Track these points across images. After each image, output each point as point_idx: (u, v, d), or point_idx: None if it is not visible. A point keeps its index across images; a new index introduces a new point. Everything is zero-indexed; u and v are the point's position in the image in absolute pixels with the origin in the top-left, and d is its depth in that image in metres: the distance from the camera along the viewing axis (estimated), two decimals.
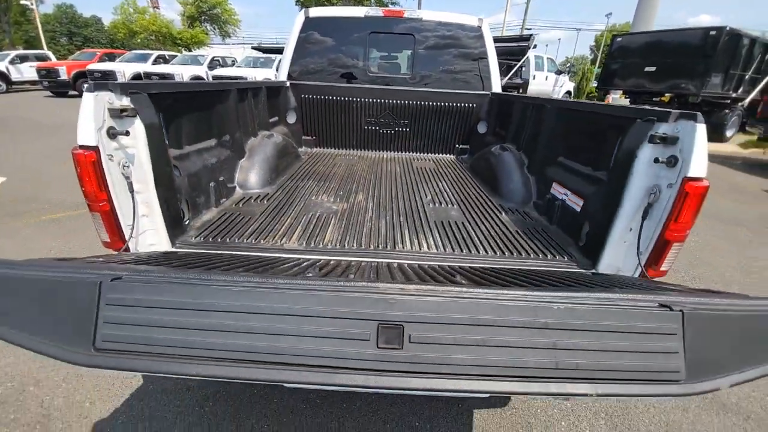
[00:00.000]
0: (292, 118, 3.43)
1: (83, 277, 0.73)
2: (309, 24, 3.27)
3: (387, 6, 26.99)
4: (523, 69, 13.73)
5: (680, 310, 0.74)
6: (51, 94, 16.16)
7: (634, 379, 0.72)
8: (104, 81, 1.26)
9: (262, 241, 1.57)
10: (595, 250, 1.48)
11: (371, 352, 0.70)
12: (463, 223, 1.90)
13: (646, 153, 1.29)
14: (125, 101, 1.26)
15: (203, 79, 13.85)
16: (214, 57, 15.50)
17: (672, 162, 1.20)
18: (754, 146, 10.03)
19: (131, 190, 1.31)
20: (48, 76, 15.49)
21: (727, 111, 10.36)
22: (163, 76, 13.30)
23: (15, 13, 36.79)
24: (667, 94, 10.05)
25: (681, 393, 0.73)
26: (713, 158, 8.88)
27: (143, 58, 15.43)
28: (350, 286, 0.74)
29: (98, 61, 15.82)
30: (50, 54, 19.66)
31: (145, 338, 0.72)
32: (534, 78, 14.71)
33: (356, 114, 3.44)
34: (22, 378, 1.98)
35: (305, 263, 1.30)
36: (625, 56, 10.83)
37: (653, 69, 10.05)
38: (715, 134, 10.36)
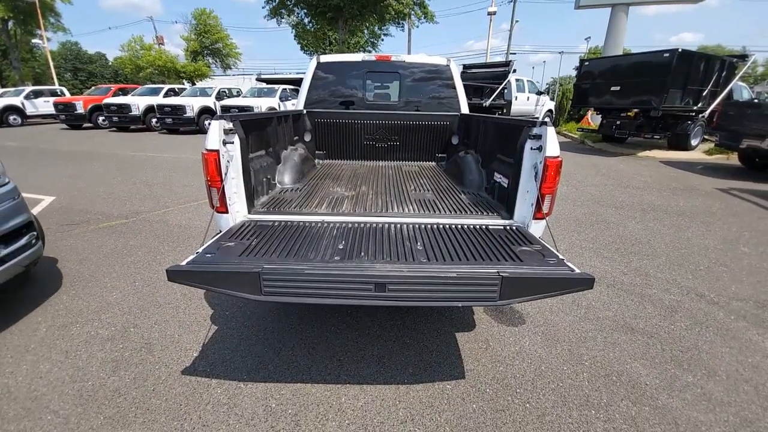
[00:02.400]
0: (308, 138, 4.37)
1: (251, 269, 1.55)
2: (320, 67, 4.29)
3: (381, 38, 29.07)
4: (506, 91, 15.04)
5: (501, 276, 1.53)
6: (67, 126, 17.25)
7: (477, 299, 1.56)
8: (223, 114, 2.18)
9: (304, 209, 2.44)
10: (511, 207, 2.36)
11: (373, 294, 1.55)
12: (434, 200, 2.77)
13: (529, 144, 2.18)
14: (231, 125, 2.15)
15: (212, 109, 14.98)
16: (221, 89, 16.72)
17: (540, 149, 2.10)
18: (718, 152, 11.02)
19: (230, 177, 2.19)
20: (66, 110, 16.63)
21: (689, 122, 11.39)
22: (174, 107, 14.41)
23: (22, 51, 38.76)
24: (633, 110, 11.13)
25: (493, 304, 1.56)
26: (677, 164, 9.89)
27: (155, 92, 16.66)
28: (364, 267, 1.59)
29: (113, 95, 17.01)
30: (64, 90, 20.87)
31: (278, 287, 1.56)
32: (516, 99, 16.01)
33: (357, 133, 4.39)
34: (123, 324, 2.78)
35: (333, 225, 2.16)
36: (593, 78, 12.04)
37: (618, 88, 11.21)
38: (681, 143, 11.44)
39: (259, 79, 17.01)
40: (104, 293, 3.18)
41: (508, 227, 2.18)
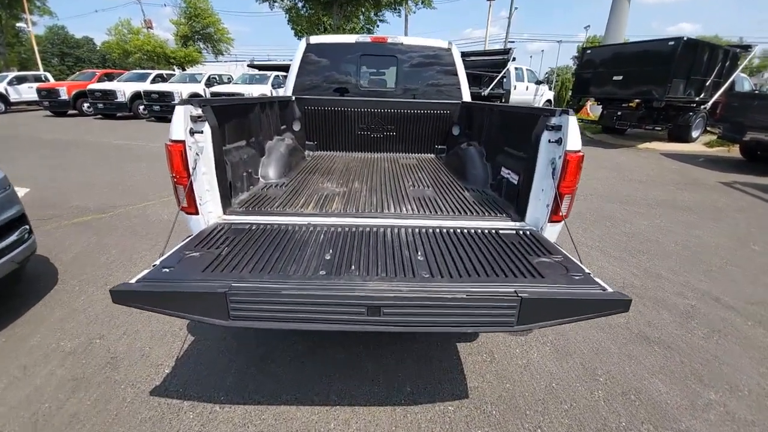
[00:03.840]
0: (297, 127, 4.04)
1: (216, 289, 1.26)
2: (310, 49, 3.93)
3: (377, 24, 28.26)
4: (505, 80, 14.66)
5: (521, 297, 1.26)
6: (51, 113, 16.61)
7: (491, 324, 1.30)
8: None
9: (287, 209, 2.15)
10: (522, 207, 2.09)
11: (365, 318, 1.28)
12: (434, 198, 2.50)
13: (546, 137, 1.90)
14: (199, 111, 1.85)
15: (201, 95, 14.46)
16: (211, 75, 16.14)
17: (559, 141, 1.82)
18: (719, 145, 10.83)
19: (200, 172, 1.89)
20: (49, 96, 15.96)
21: (691, 113, 11.17)
22: (162, 94, 13.89)
23: (8, 35, 37.34)
24: (635, 100, 10.86)
25: (510, 330, 1.31)
26: (679, 157, 9.69)
27: (142, 78, 16.03)
28: (354, 286, 1.31)
29: (98, 81, 16.35)
30: (48, 75, 20.09)
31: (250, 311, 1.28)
32: (515, 88, 15.65)
33: (350, 122, 4.07)
34: (89, 335, 2.50)
35: (320, 229, 1.87)
36: (595, 67, 11.72)
37: (620, 78, 10.91)
38: (682, 135, 11.23)
39: (251, 65, 16.43)
40: (71, 299, 2.90)
41: (520, 232, 1.91)
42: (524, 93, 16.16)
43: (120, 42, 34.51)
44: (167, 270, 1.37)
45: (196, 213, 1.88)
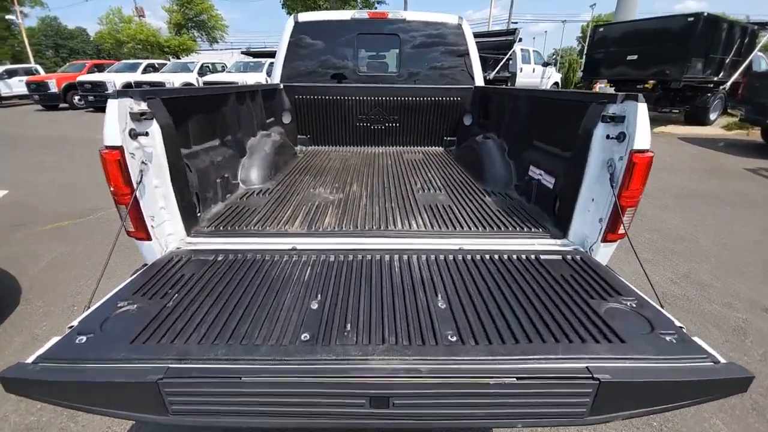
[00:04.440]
0: (287, 119, 3.59)
1: (145, 377, 0.87)
2: (299, 28, 3.44)
3: (375, 6, 27.15)
4: (511, 62, 13.98)
5: (599, 380, 0.87)
6: (42, 107, 16.14)
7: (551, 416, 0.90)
8: (126, 89, 1.44)
9: (268, 227, 1.74)
10: (565, 221, 1.66)
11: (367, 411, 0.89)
12: (449, 205, 2.08)
13: (600, 131, 1.47)
14: (143, 106, 1.42)
15: (194, 85, 13.90)
16: (204, 63, 15.56)
17: (621, 137, 1.39)
18: (738, 128, 10.27)
19: (150, 185, 1.48)
20: (38, 89, 15.48)
21: (709, 95, 10.59)
22: (153, 84, 13.36)
23: (0, 28, 36.47)
24: (650, 81, 10.25)
25: (580, 424, 0.92)
26: (698, 141, 9.15)
27: (133, 68, 15.46)
28: (350, 364, 0.91)
29: (87, 73, 15.81)
30: (39, 67, 19.59)
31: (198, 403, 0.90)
32: (521, 70, 14.97)
33: (348, 112, 3.61)
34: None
35: (306, 259, 1.45)
36: (607, 46, 11.05)
37: (635, 57, 10.27)
38: (699, 118, 10.64)
39: (245, 53, 15.81)
40: (33, 323, 2.53)
41: (568, 257, 1.49)
42: (531, 75, 15.47)
43: (112, 32, 33.64)
44: (83, 339, 0.98)
45: (148, 238, 1.48)
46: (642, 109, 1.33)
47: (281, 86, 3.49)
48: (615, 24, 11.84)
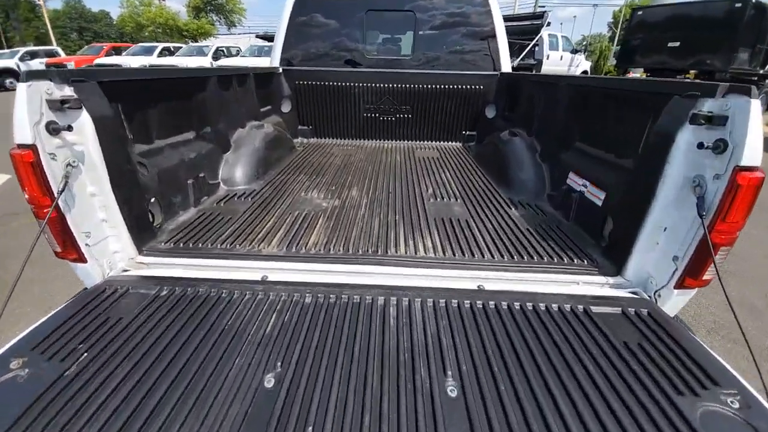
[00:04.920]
0: (286, 107, 3.23)
1: None
2: (300, 4, 3.04)
3: None
4: (537, 48, 13.13)
5: None
6: None
7: None
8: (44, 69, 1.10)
9: (238, 246, 1.40)
10: (620, 252, 1.26)
11: None
12: (467, 220, 1.69)
13: (686, 136, 1.05)
14: (67, 91, 1.08)
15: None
16: (218, 47, 15.31)
17: (720, 147, 0.97)
18: None
19: (83, 193, 1.15)
20: None
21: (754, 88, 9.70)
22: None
23: (24, 10, 37.14)
24: (692, 71, 9.41)
25: None
26: None
27: (149, 51, 15.38)
28: None
29: (105, 56, 15.86)
30: (59, 50, 19.85)
31: None
32: (548, 58, 14.07)
33: (354, 101, 3.21)
34: None
35: (275, 301, 1.09)
36: (646, 31, 10.16)
37: (677, 44, 9.40)
38: None
39: (259, 37, 15.45)
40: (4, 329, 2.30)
41: (631, 311, 1.08)
42: (558, 63, 14.54)
43: (133, 14, 33.75)
44: None
45: (82, 260, 1.16)
46: (755, 109, 0.91)
47: (280, 70, 3.11)
48: (655, 7, 10.89)
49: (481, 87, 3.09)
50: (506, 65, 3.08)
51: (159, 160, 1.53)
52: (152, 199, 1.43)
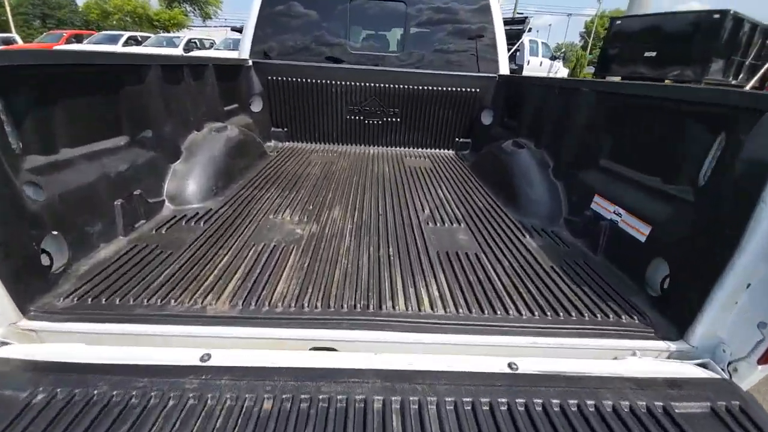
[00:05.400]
0: (257, 106, 2.81)
1: None
2: None
3: None
4: (518, 53, 13.14)
5: None
6: None
7: None
8: None
9: (173, 302, 1.01)
10: (682, 309, 0.97)
11: None
12: (476, 254, 1.37)
13: None
14: None
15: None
16: (190, 39, 14.49)
17: None
18: None
19: None
20: None
21: None
22: None
23: None
24: (667, 81, 9.62)
25: None
26: None
27: (113, 40, 14.34)
28: None
29: (65, 43, 14.72)
30: (17, 37, 18.48)
31: None
32: (528, 63, 14.16)
33: (336, 100, 2.85)
34: None
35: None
36: (624, 40, 10.31)
37: (653, 54, 9.57)
38: None
39: (235, 30, 14.74)
40: None
41: (720, 404, 0.78)
42: (537, 69, 14.66)
43: (99, 1, 31.83)
44: None
45: None
46: None
47: (249, 63, 2.70)
48: (634, 17, 11.09)
49: (477, 90, 2.79)
50: (504, 67, 2.80)
51: (65, 176, 1.11)
52: (50, 234, 1.03)
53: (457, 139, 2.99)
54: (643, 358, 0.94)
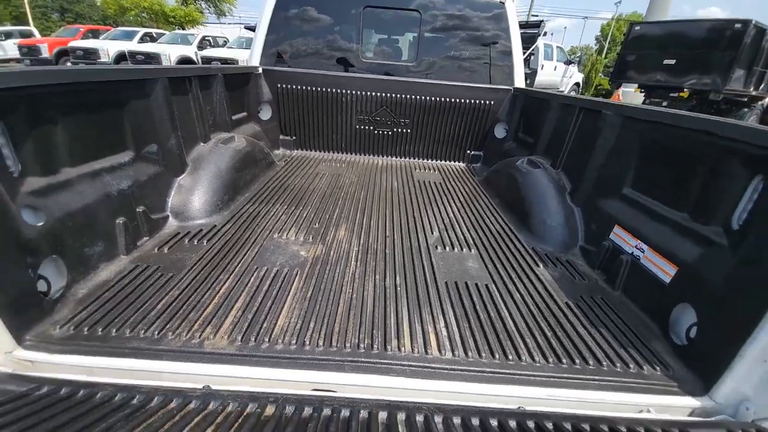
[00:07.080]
0: (266, 114, 2.79)
1: None
2: None
3: None
4: (532, 58, 12.95)
5: None
6: None
7: None
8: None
9: (170, 335, 0.98)
10: (709, 362, 0.91)
11: None
12: (487, 285, 1.31)
13: None
14: None
15: (192, 59, 13.01)
16: (204, 36, 14.63)
17: None
18: None
19: None
20: (29, 53, 14.72)
21: (746, 109, 9.84)
22: (147, 55, 12.50)
23: None
24: (686, 89, 9.38)
25: None
26: None
27: (129, 36, 14.57)
28: None
29: (81, 38, 14.97)
30: (34, 30, 18.86)
31: None
32: (542, 68, 13.96)
33: (346, 109, 2.81)
34: None
35: None
36: (643, 47, 10.08)
37: (672, 62, 9.34)
38: None
39: (248, 28, 14.82)
40: None
41: None
42: (551, 73, 14.45)
43: None
44: None
45: None
46: None
47: (260, 70, 2.67)
48: (654, 23, 10.85)
49: (492, 103, 2.72)
50: (520, 80, 2.73)
51: (66, 197, 1.09)
52: (48, 258, 1.00)
53: (468, 151, 2.93)
54: (661, 414, 0.87)
